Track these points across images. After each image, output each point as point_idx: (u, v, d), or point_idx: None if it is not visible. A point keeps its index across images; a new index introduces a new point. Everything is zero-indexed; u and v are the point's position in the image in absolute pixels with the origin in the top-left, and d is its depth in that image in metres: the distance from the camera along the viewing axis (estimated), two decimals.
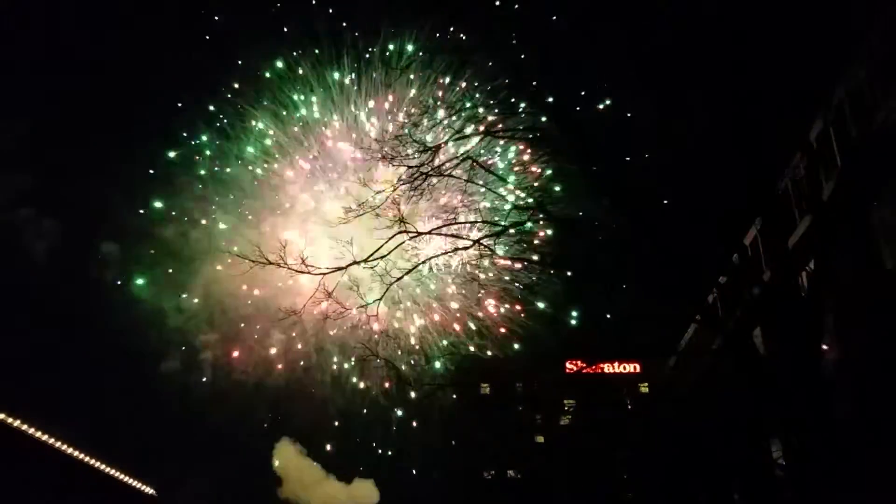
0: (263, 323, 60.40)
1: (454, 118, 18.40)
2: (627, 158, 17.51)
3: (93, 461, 47.60)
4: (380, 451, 65.11)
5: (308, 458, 65.94)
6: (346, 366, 59.87)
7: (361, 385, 59.82)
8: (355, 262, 17.29)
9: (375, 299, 17.71)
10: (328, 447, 64.86)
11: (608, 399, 49.26)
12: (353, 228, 17.95)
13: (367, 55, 58.22)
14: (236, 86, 61.39)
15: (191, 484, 64.80)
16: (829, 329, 20.42)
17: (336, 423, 62.99)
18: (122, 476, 52.88)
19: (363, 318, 17.98)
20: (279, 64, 60.71)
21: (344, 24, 59.24)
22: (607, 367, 61.06)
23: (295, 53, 60.47)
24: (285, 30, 61.57)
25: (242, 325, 61.70)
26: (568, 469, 50.82)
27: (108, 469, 50.21)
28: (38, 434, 39.84)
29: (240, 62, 61.71)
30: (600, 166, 17.04)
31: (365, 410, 61.24)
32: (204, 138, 62.11)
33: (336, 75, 59.72)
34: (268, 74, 60.91)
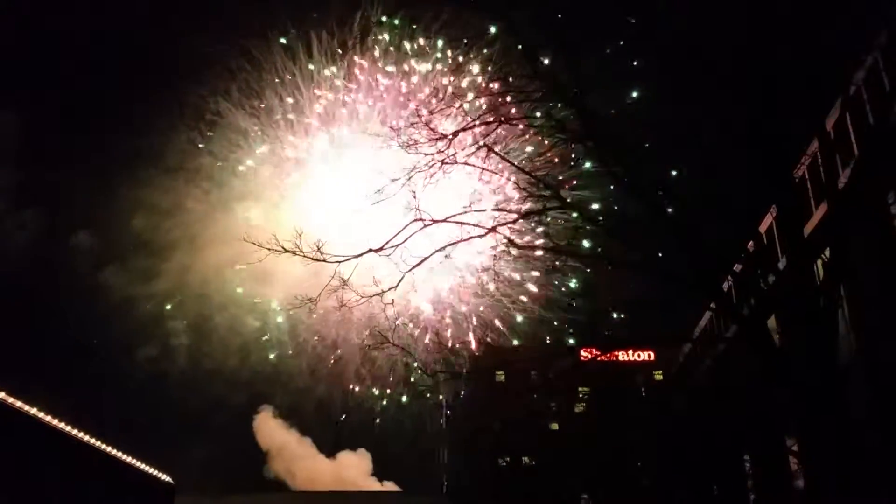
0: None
1: (470, 105, 18.42)
2: (644, 146, 17.45)
3: (109, 449, 48.07)
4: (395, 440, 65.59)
5: (292, 431, 65.02)
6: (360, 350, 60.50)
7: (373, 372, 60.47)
8: (371, 250, 17.38)
9: (391, 287, 17.78)
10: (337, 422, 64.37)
11: (623, 386, 49.31)
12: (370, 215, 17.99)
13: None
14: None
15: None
16: (845, 317, 20.40)
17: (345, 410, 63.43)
18: (138, 463, 53.37)
19: (379, 307, 18.08)
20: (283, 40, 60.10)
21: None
22: (622, 355, 61.04)
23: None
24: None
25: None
26: (583, 456, 50.94)
27: (124, 456, 50.71)
28: (55, 422, 40.23)
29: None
30: (616, 154, 17.03)
31: (381, 399, 61.85)
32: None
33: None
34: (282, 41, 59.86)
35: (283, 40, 60.11)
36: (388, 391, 62.29)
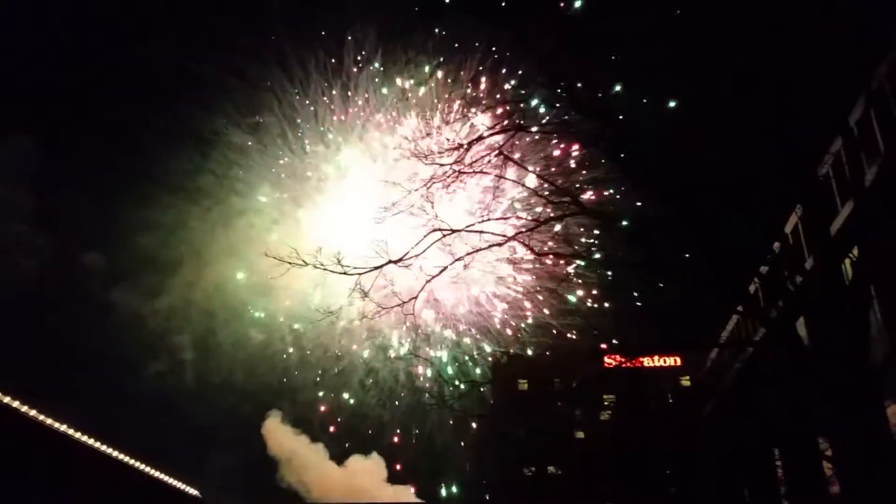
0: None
1: (485, 114, 18.28)
2: (664, 148, 17.19)
3: (139, 464, 48.43)
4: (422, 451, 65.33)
5: (301, 436, 64.34)
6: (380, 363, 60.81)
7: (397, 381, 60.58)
8: (390, 262, 17.25)
9: (412, 298, 17.65)
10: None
11: (649, 393, 48.79)
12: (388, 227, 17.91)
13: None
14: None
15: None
16: (877, 318, 19.96)
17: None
18: (167, 478, 53.73)
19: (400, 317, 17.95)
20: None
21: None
22: (647, 361, 60.46)
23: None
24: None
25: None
26: (609, 464, 50.43)
27: (153, 472, 51.05)
28: (86, 439, 40.64)
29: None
30: (636, 158, 16.79)
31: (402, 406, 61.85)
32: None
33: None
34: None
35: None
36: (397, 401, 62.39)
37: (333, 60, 59.84)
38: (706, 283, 17.33)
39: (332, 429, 64.32)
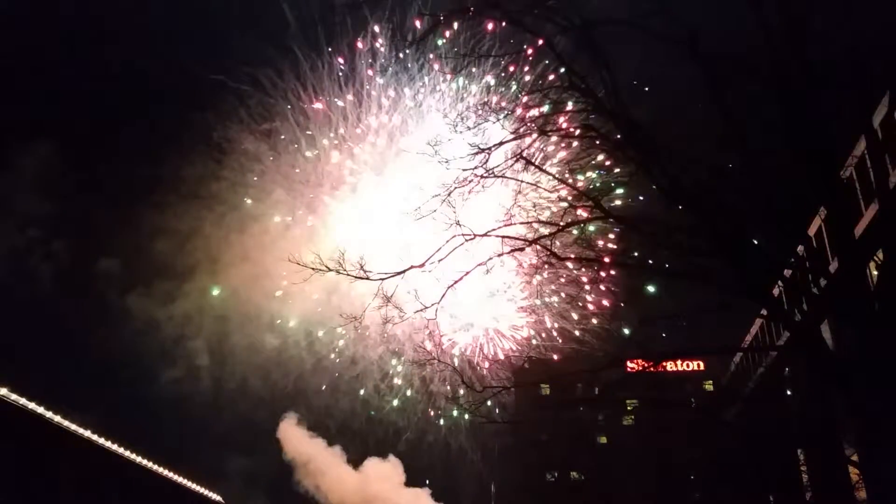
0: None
1: (507, 118, 18.31)
2: (685, 151, 17.16)
3: (163, 470, 48.87)
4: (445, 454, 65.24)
5: (317, 439, 63.57)
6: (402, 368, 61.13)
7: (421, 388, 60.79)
8: (413, 267, 17.35)
9: (434, 303, 17.70)
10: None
11: (672, 398, 48.47)
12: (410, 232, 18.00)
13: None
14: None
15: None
16: None
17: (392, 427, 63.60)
18: (189, 483, 54.14)
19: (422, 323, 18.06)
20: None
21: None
22: (670, 366, 60.11)
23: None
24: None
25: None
26: (632, 469, 50.12)
27: (176, 476, 51.47)
28: (111, 445, 41.11)
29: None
30: (658, 162, 16.76)
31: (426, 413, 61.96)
32: None
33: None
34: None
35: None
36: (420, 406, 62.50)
37: (343, 65, 59.85)
38: (730, 287, 17.26)
39: (348, 434, 64.33)
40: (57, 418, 35.50)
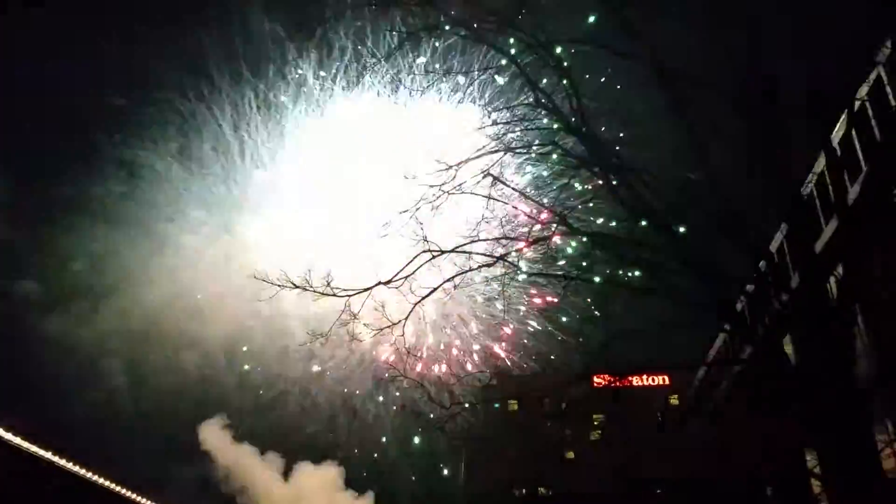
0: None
1: (474, 135, 18.41)
2: (649, 170, 17.37)
3: (128, 492, 47.55)
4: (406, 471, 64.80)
5: (246, 446, 60.96)
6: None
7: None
8: (380, 283, 17.30)
9: (400, 319, 17.66)
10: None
11: (638, 412, 48.78)
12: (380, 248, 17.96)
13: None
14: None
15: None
16: (861, 335, 20.12)
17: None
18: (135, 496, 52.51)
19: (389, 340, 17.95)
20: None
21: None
22: (636, 380, 60.57)
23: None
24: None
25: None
26: (600, 484, 50.20)
27: (141, 499, 50.17)
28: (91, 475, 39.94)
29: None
30: (622, 178, 16.96)
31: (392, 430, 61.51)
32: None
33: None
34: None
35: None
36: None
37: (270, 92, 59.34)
38: (694, 302, 17.47)
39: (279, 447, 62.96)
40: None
